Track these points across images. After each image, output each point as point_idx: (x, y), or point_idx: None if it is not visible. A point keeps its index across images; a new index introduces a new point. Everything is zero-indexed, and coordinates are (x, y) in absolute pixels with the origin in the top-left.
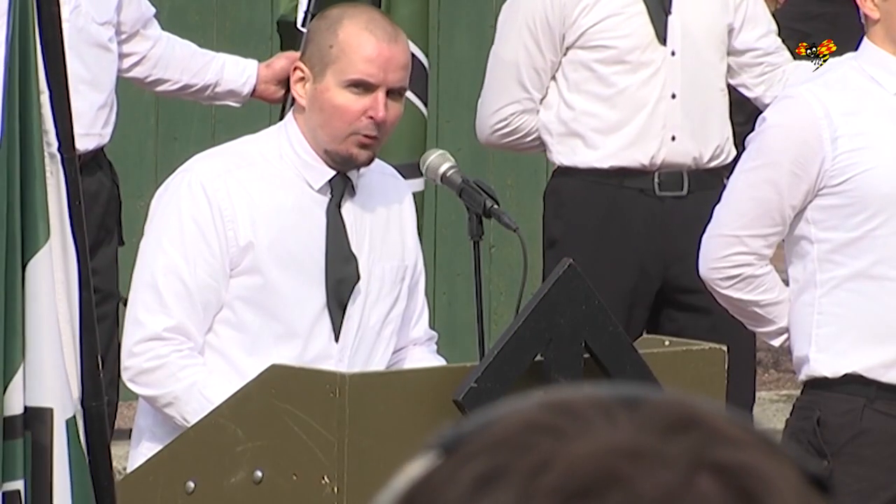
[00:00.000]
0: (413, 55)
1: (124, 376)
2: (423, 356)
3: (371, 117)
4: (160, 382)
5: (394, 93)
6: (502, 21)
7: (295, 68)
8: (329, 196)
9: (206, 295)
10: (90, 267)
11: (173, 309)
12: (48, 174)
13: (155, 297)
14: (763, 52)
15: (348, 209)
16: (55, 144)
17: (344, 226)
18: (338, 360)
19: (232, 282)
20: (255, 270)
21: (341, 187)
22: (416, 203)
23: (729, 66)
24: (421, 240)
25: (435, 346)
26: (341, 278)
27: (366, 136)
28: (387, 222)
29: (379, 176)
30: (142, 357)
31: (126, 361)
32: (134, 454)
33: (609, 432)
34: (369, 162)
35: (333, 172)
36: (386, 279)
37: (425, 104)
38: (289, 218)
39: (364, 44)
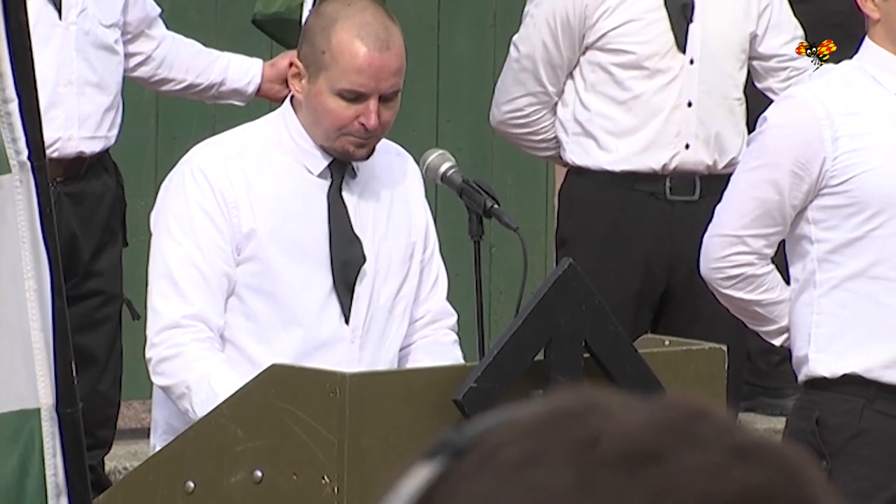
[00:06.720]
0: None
1: (149, 369)
2: (442, 352)
3: (362, 124)
4: (176, 372)
5: (387, 96)
6: (526, 13)
7: (291, 63)
8: (329, 180)
9: (222, 280)
10: (95, 269)
11: (191, 296)
12: (18, 183)
13: (171, 286)
14: (788, 58)
15: (350, 192)
16: (25, 153)
17: (346, 208)
18: (350, 340)
19: (238, 269)
20: (258, 257)
21: (341, 171)
22: None
23: (755, 71)
24: None
25: (453, 334)
26: (347, 261)
27: (358, 138)
28: (391, 201)
29: (383, 155)
30: (161, 347)
31: (148, 353)
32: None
33: (644, 412)
34: (367, 157)
35: (332, 157)
36: (394, 257)
37: None
38: (290, 205)
39: (355, 54)
